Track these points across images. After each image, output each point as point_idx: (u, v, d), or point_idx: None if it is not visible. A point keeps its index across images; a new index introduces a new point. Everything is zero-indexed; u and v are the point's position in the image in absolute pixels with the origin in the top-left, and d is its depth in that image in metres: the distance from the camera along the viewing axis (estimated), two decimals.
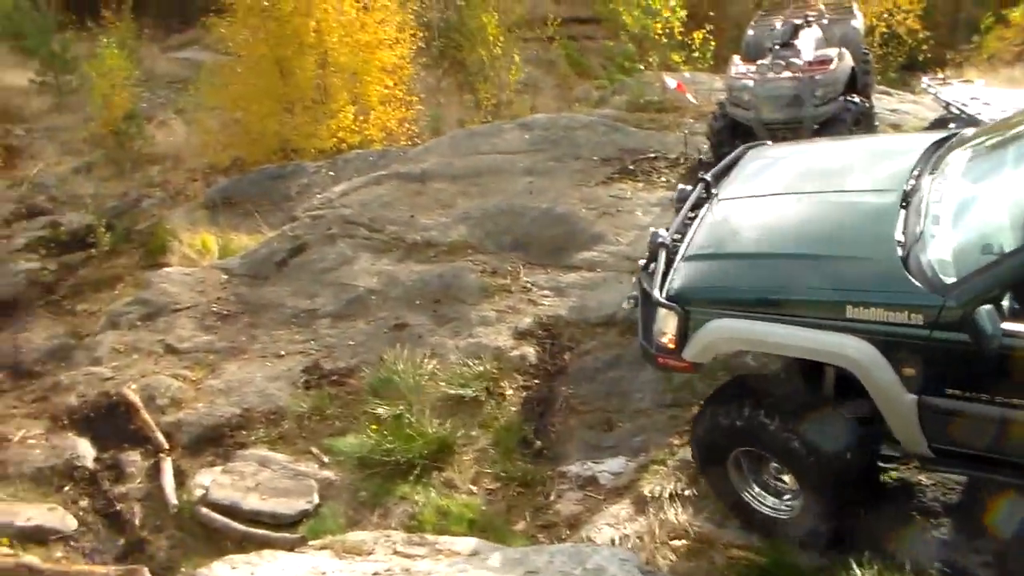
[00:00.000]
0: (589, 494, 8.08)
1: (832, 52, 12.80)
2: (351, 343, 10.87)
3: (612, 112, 17.06)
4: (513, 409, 9.35)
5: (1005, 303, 5.30)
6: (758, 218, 6.97)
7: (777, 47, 12.82)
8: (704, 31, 20.17)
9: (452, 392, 9.50)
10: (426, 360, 9.96)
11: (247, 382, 10.44)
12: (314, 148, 19.74)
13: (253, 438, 9.58)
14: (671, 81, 16.67)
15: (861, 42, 14.49)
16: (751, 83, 12.58)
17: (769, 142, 9.03)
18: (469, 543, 7.27)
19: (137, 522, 8.72)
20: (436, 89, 25.89)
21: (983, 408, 5.53)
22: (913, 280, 5.64)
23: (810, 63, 12.51)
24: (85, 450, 9.56)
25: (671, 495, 7.46)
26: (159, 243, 14.79)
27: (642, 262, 7.05)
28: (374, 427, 9.05)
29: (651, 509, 7.40)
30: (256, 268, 12.94)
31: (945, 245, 5.80)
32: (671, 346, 6.43)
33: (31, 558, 7.92)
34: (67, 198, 21.79)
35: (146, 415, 9.92)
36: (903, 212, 6.23)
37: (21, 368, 12.06)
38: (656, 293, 6.46)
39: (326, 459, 9.08)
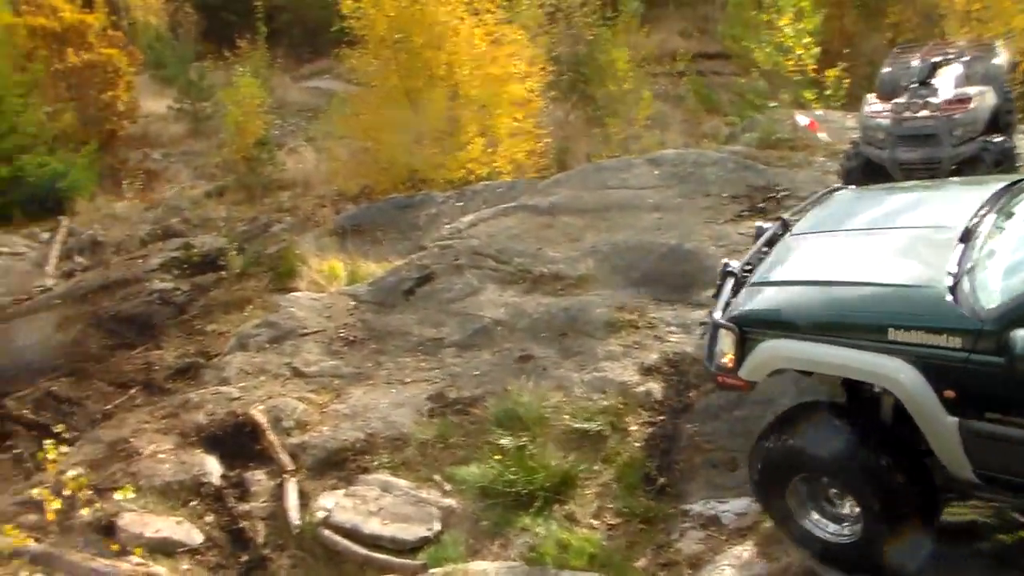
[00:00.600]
0: (712, 534, 7.96)
1: (972, 91, 12.43)
2: (476, 373, 10.88)
3: (742, 149, 16.86)
4: (637, 445, 9.25)
5: None
6: (822, 250, 7.46)
7: (914, 85, 12.51)
8: (838, 68, 19.81)
9: (576, 425, 9.44)
10: (551, 392, 9.94)
11: (372, 408, 10.50)
12: (443, 179, 19.85)
13: (376, 463, 9.63)
14: (803, 118, 16.47)
15: (1004, 80, 14.03)
16: (886, 122, 12.28)
17: (852, 186, 9.35)
18: None
19: (260, 540, 8.85)
20: (564, 123, 25.90)
21: (1021, 433, 5.73)
22: (956, 306, 5.95)
23: (949, 102, 12.16)
24: (212, 467, 9.74)
25: None
26: (288, 267, 14.99)
27: (712, 291, 7.51)
28: (497, 457, 9.05)
29: (775, 552, 7.26)
30: (383, 296, 13.03)
31: (995, 276, 6.11)
32: (730, 365, 6.86)
33: (160, 569, 8.05)
34: (200, 221, 22.31)
35: (272, 436, 10.05)
36: (961, 246, 6.53)
37: (153, 385, 12.38)
38: (717, 315, 7.03)
39: (448, 487, 9.10)
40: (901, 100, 12.36)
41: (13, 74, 26.37)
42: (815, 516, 6.82)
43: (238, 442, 10.12)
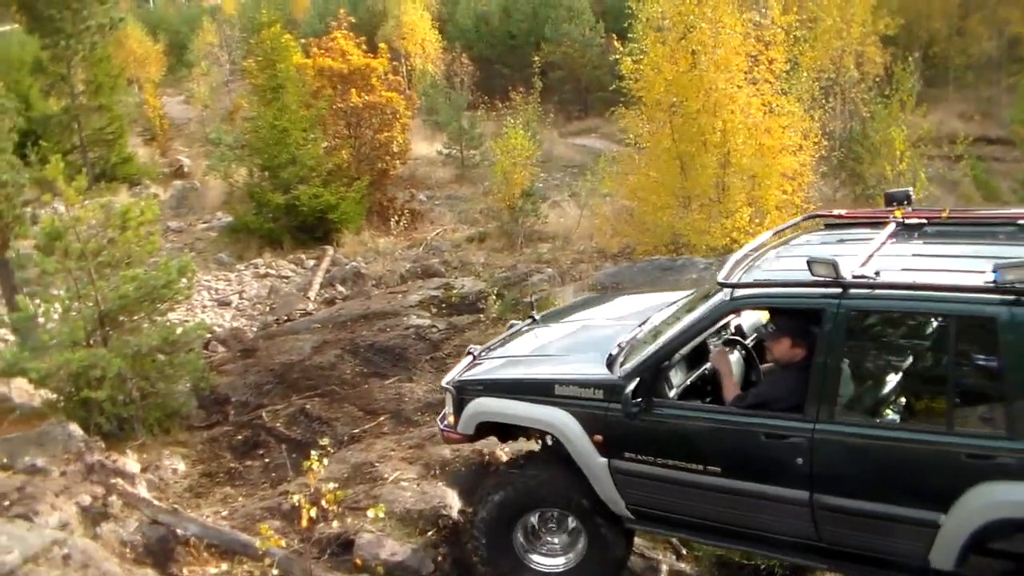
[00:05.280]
0: None
1: None
2: None
3: None
4: None
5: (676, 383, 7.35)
6: (538, 336, 8.85)
7: None
8: None
9: None
10: None
11: None
12: (706, 245, 19.57)
13: None
14: None
15: None
16: None
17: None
18: None
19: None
20: (831, 199, 25.32)
21: (650, 469, 7.08)
22: (604, 367, 7.37)
23: None
24: (452, 501, 9.69)
25: None
26: None
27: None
28: None
29: None
30: None
31: (641, 346, 7.45)
32: (452, 421, 8.13)
33: None
34: (459, 263, 22.80)
35: None
36: (636, 329, 7.92)
37: (402, 415, 12.54)
38: (444, 381, 8.30)
39: (684, 551, 8.97)
40: None
41: (299, 110, 27.70)
42: (538, 559, 8.00)
43: (480, 480, 10.09)
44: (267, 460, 12.03)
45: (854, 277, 6.35)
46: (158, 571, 8.49)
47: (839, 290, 6.38)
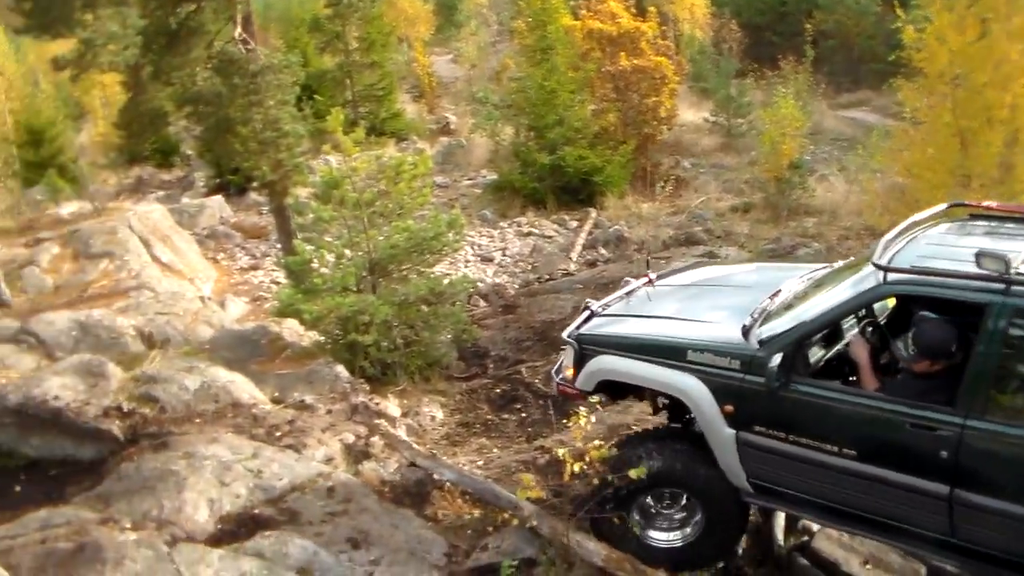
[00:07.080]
0: None
1: None
2: None
3: None
4: None
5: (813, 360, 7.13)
6: (663, 296, 8.62)
7: None
8: None
9: None
10: None
11: None
12: None
13: None
14: None
15: None
16: None
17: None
18: None
19: (739, 551, 8.55)
20: None
21: (781, 445, 6.94)
22: (740, 336, 7.16)
23: None
24: None
25: None
26: None
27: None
28: None
29: None
30: None
31: (778, 319, 7.26)
32: (569, 375, 8.02)
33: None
34: (722, 233, 22.46)
35: None
36: (768, 300, 7.62)
37: None
38: (564, 334, 8.17)
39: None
40: None
41: (568, 72, 27.83)
42: (653, 533, 7.87)
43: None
44: (524, 415, 12.17)
45: (1018, 274, 6.10)
46: (414, 512, 8.71)
47: (1003, 286, 6.13)
